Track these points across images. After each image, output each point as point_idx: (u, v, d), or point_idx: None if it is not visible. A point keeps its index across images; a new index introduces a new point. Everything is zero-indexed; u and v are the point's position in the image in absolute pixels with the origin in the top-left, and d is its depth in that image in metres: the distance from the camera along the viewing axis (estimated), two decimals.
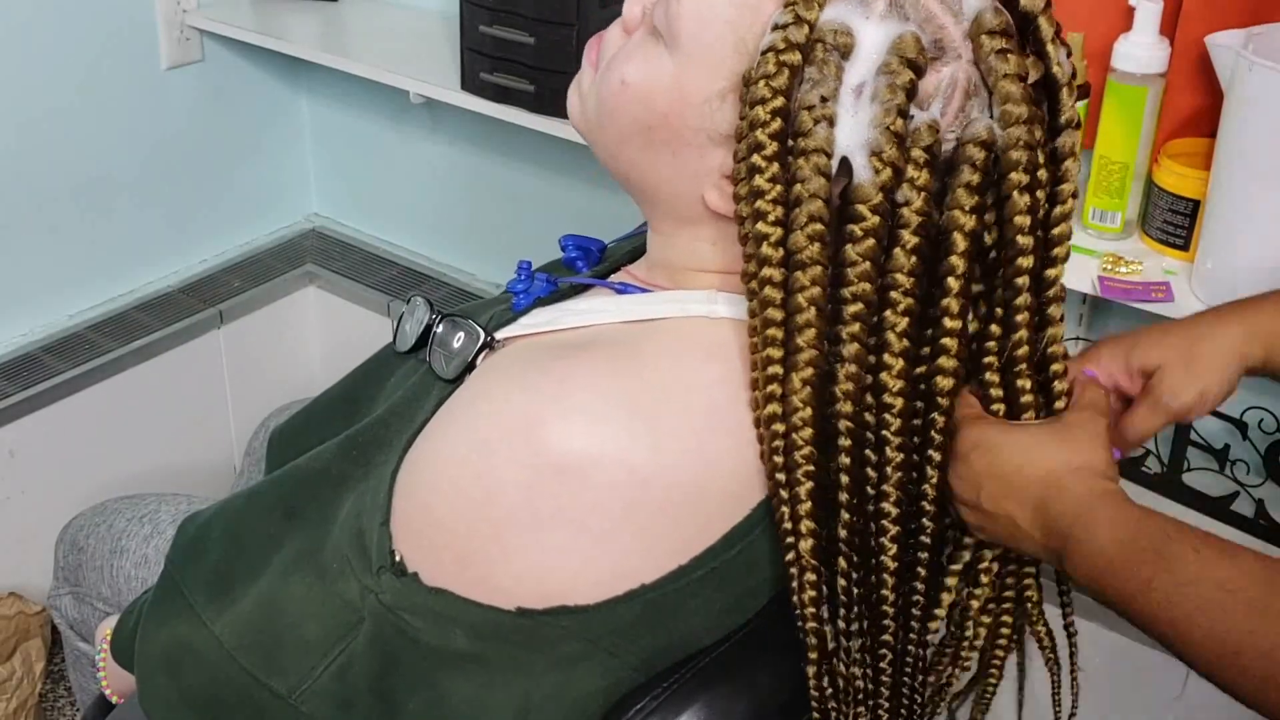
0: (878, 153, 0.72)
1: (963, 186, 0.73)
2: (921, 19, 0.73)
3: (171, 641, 0.89)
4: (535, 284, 0.91)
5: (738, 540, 0.79)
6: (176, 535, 0.96)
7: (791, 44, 0.73)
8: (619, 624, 0.78)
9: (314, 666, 0.83)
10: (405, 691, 0.81)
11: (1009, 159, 0.73)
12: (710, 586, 0.80)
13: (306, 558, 0.85)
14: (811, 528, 0.77)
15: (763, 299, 0.75)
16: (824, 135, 0.72)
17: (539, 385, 0.77)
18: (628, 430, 0.75)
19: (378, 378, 0.98)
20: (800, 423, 0.75)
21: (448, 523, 0.77)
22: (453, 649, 0.79)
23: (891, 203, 0.73)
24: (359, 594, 0.81)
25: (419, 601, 0.79)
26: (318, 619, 0.83)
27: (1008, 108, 0.73)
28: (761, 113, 0.73)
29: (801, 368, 0.74)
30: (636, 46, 0.81)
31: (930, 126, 0.73)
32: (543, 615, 0.77)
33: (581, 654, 0.79)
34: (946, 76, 0.74)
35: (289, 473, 0.92)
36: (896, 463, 0.77)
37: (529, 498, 0.75)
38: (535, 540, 0.75)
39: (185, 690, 0.89)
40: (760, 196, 0.74)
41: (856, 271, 0.73)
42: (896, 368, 0.75)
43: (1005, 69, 0.73)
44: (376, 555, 0.80)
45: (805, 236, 0.73)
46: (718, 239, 0.82)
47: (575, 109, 0.87)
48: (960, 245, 0.74)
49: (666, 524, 0.77)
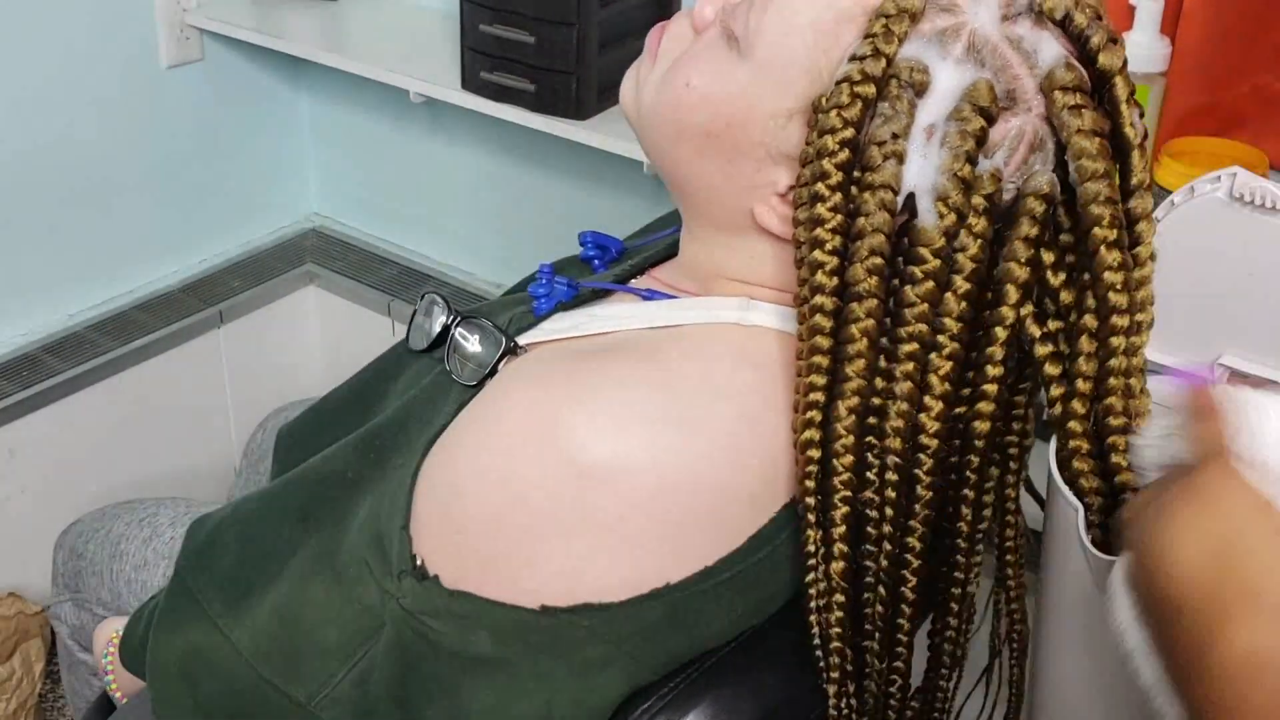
0: (944, 198, 0.72)
1: (1020, 239, 0.73)
2: (997, 67, 0.73)
3: (187, 649, 0.89)
4: (556, 288, 0.91)
5: (763, 544, 0.79)
6: (185, 539, 0.95)
7: (867, 76, 0.72)
8: (643, 625, 0.78)
9: (333, 673, 0.82)
10: (424, 700, 0.80)
11: (1091, 214, 0.72)
12: (734, 590, 0.79)
13: (323, 562, 0.85)
14: (844, 550, 0.77)
15: (812, 325, 0.75)
16: (892, 171, 0.72)
17: (566, 390, 0.76)
18: (655, 436, 0.75)
19: (389, 376, 0.97)
20: (842, 450, 0.75)
21: (471, 526, 0.77)
22: (475, 654, 0.78)
23: (950, 249, 0.73)
24: (379, 599, 0.81)
25: (440, 605, 0.78)
26: (337, 625, 0.82)
27: (1084, 163, 0.71)
28: (830, 142, 0.73)
29: (848, 397, 0.74)
30: (706, 49, 0.80)
31: (993, 175, 0.72)
32: (566, 613, 0.76)
33: (604, 659, 0.78)
34: (1014, 127, 0.73)
35: (303, 475, 0.91)
36: (926, 500, 0.77)
37: (554, 503, 0.74)
38: (561, 545, 0.75)
39: (202, 699, 0.88)
40: (820, 224, 0.74)
41: (914, 313, 0.73)
42: (936, 410, 0.75)
43: (1079, 124, 0.71)
44: (397, 559, 0.80)
45: (864, 269, 0.73)
46: (755, 253, 0.82)
47: (629, 96, 0.86)
48: (1012, 297, 0.74)
49: (692, 528, 0.76)
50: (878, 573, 0.78)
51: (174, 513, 1.17)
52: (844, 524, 0.76)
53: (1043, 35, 0.73)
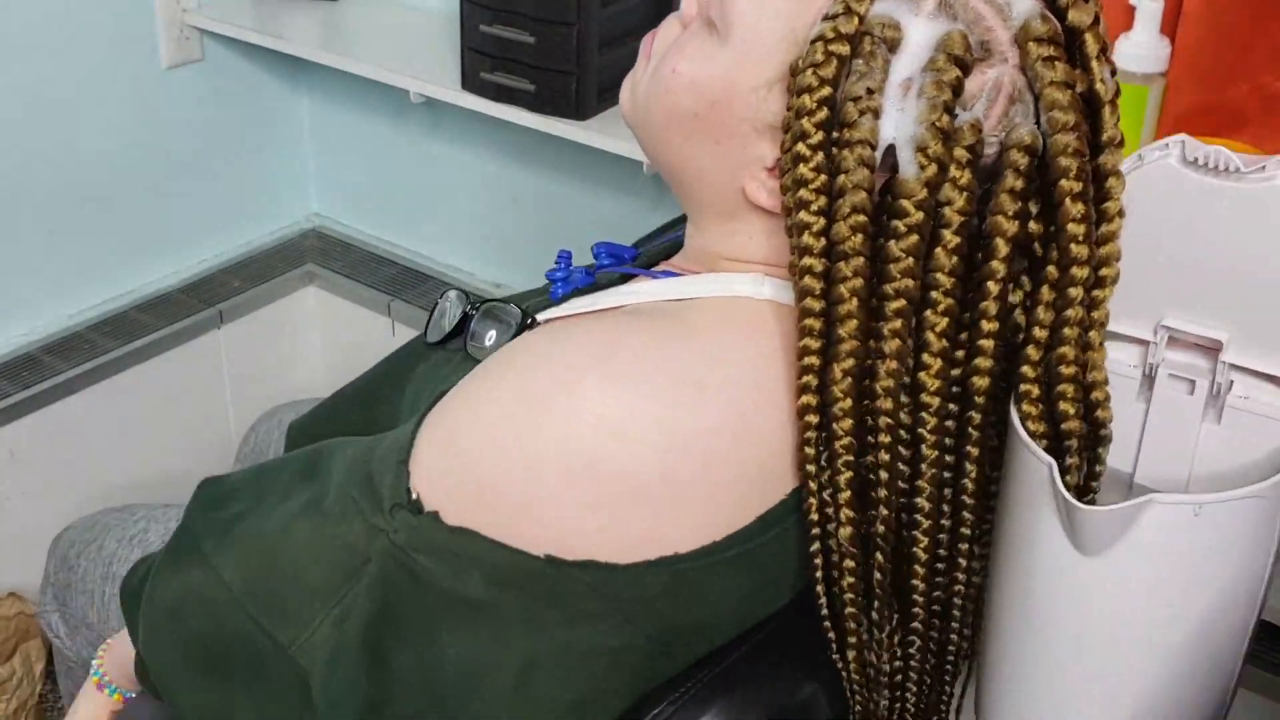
0: (923, 148, 0.72)
1: (1006, 192, 0.73)
2: (969, 20, 0.74)
3: (182, 588, 0.88)
4: (574, 274, 0.92)
5: (773, 524, 0.79)
6: (196, 492, 0.95)
7: (840, 35, 0.73)
8: (644, 591, 0.78)
9: (315, 615, 0.82)
10: (396, 644, 0.80)
11: (1059, 165, 0.73)
12: (740, 570, 0.79)
13: (313, 503, 0.85)
14: (850, 515, 0.77)
15: (803, 288, 0.75)
16: (869, 126, 0.72)
17: (584, 342, 0.77)
18: (671, 393, 0.75)
19: (403, 369, 0.97)
20: (840, 413, 0.75)
21: (483, 471, 0.77)
22: (464, 595, 0.78)
23: (935, 201, 0.73)
24: (366, 536, 0.80)
25: (437, 540, 0.78)
26: (321, 562, 0.82)
27: (1055, 114, 0.72)
28: (808, 101, 0.74)
29: (843, 358, 0.75)
30: (690, 37, 0.82)
31: (973, 126, 0.73)
32: (570, 567, 0.76)
33: (599, 613, 0.78)
34: (991, 79, 0.74)
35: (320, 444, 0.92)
36: (931, 459, 0.77)
37: (565, 451, 0.74)
38: (567, 492, 0.75)
39: (188, 637, 0.88)
40: (804, 185, 0.74)
41: (900, 268, 0.73)
42: (935, 367, 0.75)
43: (1052, 76, 0.72)
44: (390, 494, 0.79)
45: (848, 227, 0.73)
46: (755, 233, 0.83)
47: (626, 100, 0.87)
48: (1002, 250, 0.74)
49: (703, 494, 0.77)
50: (879, 538, 0.78)
51: (165, 530, 1.16)
52: (849, 489, 0.76)
53: None
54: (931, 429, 0.76)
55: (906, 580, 0.80)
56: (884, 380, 0.75)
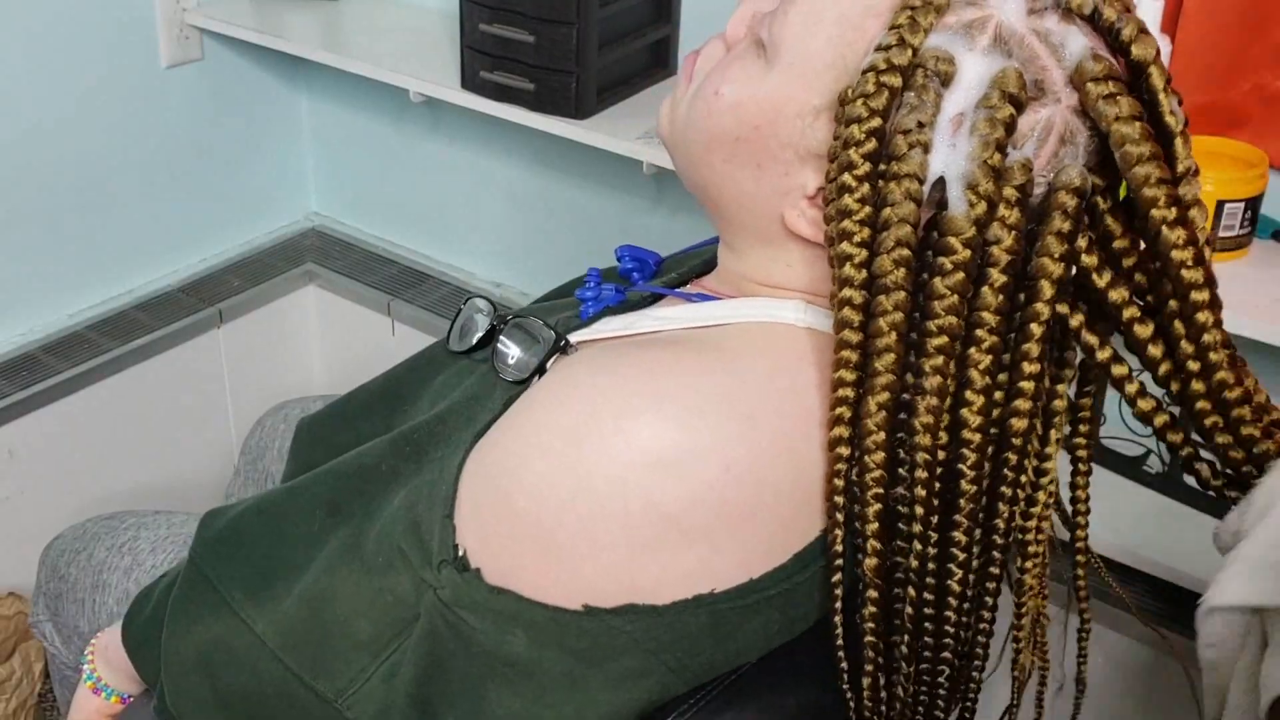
0: (973, 186, 0.71)
1: (1053, 234, 0.72)
2: (1024, 58, 0.73)
3: (208, 640, 0.88)
4: (604, 292, 0.90)
5: (809, 563, 0.79)
6: (200, 528, 0.94)
7: (893, 66, 0.72)
8: (684, 633, 0.77)
9: (364, 668, 0.81)
10: (445, 703, 0.79)
11: (1145, 197, 0.72)
12: (776, 607, 0.79)
13: (353, 553, 0.83)
14: (877, 547, 0.76)
15: (841, 319, 0.74)
16: (918, 160, 0.71)
17: (632, 376, 0.76)
18: (724, 426, 0.74)
19: (424, 375, 0.96)
20: (873, 446, 0.74)
21: (530, 517, 0.75)
22: (508, 655, 0.77)
23: (982, 239, 0.72)
24: (414, 589, 0.79)
25: (480, 599, 0.77)
26: (369, 617, 0.81)
27: (1127, 149, 0.71)
28: (857, 131, 0.72)
29: (878, 392, 0.74)
30: (735, 59, 0.80)
31: (1024, 165, 0.72)
32: (609, 615, 0.75)
33: (641, 669, 0.77)
34: (1043, 118, 0.73)
35: (333, 469, 0.90)
36: (970, 495, 0.76)
37: (622, 492, 0.73)
38: (625, 536, 0.74)
39: (222, 691, 0.87)
40: (848, 216, 0.73)
41: (944, 305, 0.73)
42: (977, 405, 0.74)
43: (1117, 111, 0.71)
44: (439, 549, 0.78)
45: (891, 261, 0.72)
46: (793, 260, 0.82)
47: (664, 120, 0.86)
48: (1047, 292, 0.73)
49: (754, 527, 0.76)
50: (911, 571, 0.77)
51: (155, 536, 1.15)
52: (876, 520, 0.76)
53: (1069, 29, 0.73)
54: (971, 465, 0.75)
55: (940, 613, 0.79)
56: (923, 417, 0.74)
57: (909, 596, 0.78)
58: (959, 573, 0.78)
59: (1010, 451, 0.77)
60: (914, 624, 0.79)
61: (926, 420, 0.74)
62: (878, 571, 0.77)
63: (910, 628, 0.79)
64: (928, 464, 0.75)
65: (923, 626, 0.79)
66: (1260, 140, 1.29)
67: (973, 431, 0.75)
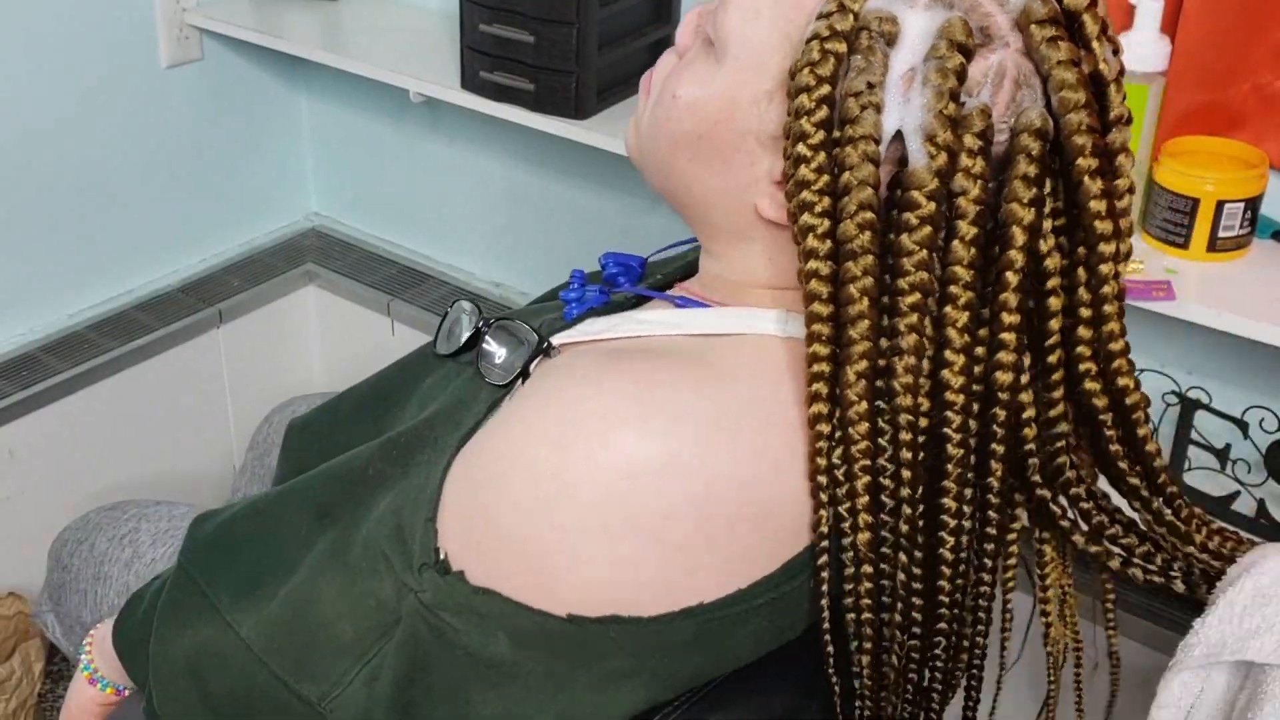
0: (931, 137, 0.71)
1: (1019, 179, 0.72)
2: (966, 7, 0.73)
3: (195, 645, 0.88)
4: (588, 294, 0.90)
5: (797, 572, 0.78)
6: (189, 531, 0.94)
7: (836, 32, 0.72)
8: (669, 642, 0.77)
9: (346, 672, 0.81)
10: (428, 705, 0.79)
11: (1073, 145, 0.72)
12: (764, 617, 0.79)
13: (337, 556, 0.83)
14: (869, 520, 0.76)
15: (810, 292, 0.74)
16: (871, 121, 0.71)
17: (618, 386, 0.75)
18: (707, 439, 0.74)
19: (413, 377, 0.96)
20: (856, 416, 0.74)
21: (510, 528, 0.75)
22: (491, 656, 0.77)
23: (947, 192, 0.72)
24: (396, 593, 0.79)
25: (463, 601, 0.77)
26: (351, 620, 0.81)
27: (1064, 94, 0.72)
28: (807, 101, 0.72)
29: (855, 360, 0.73)
30: (688, 63, 0.81)
31: (982, 111, 0.72)
32: (594, 624, 0.75)
33: (626, 672, 0.77)
34: (994, 64, 0.73)
35: (322, 473, 0.90)
36: (957, 459, 0.76)
37: (602, 501, 0.73)
38: (603, 546, 0.73)
39: (209, 695, 0.87)
40: (806, 186, 0.73)
41: (913, 261, 0.72)
42: (958, 364, 0.74)
43: (1058, 56, 0.72)
44: (419, 552, 0.78)
45: (855, 225, 0.72)
46: (773, 253, 0.81)
47: (631, 139, 0.86)
48: (1019, 239, 0.73)
49: (735, 541, 0.76)
50: (902, 538, 0.77)
51: (156, 529, 1.15)
52: (866, 493, 0.75)
53: None
54: (957, 428, 0.75)
55: (933, 582, 0.79)
56: (903, 377, 0.73)
57: (900, 563, 0.77)
58: (950, 540, 0.77)
59: (998, 406, 0.76)
60: (906, 593, 0.78)
61: (906, 380, 0.73)
62: (871, 546, 0.76)
63: (903, 595, 0.78)
64: (911, 426, 0.74)
65: (913, 598, 0.79)
66: (1260, 140, 1.28)
67: (955, 392, 0.74)
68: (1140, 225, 1.29)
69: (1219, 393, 1.40)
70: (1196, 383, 1.41)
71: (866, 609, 0.79)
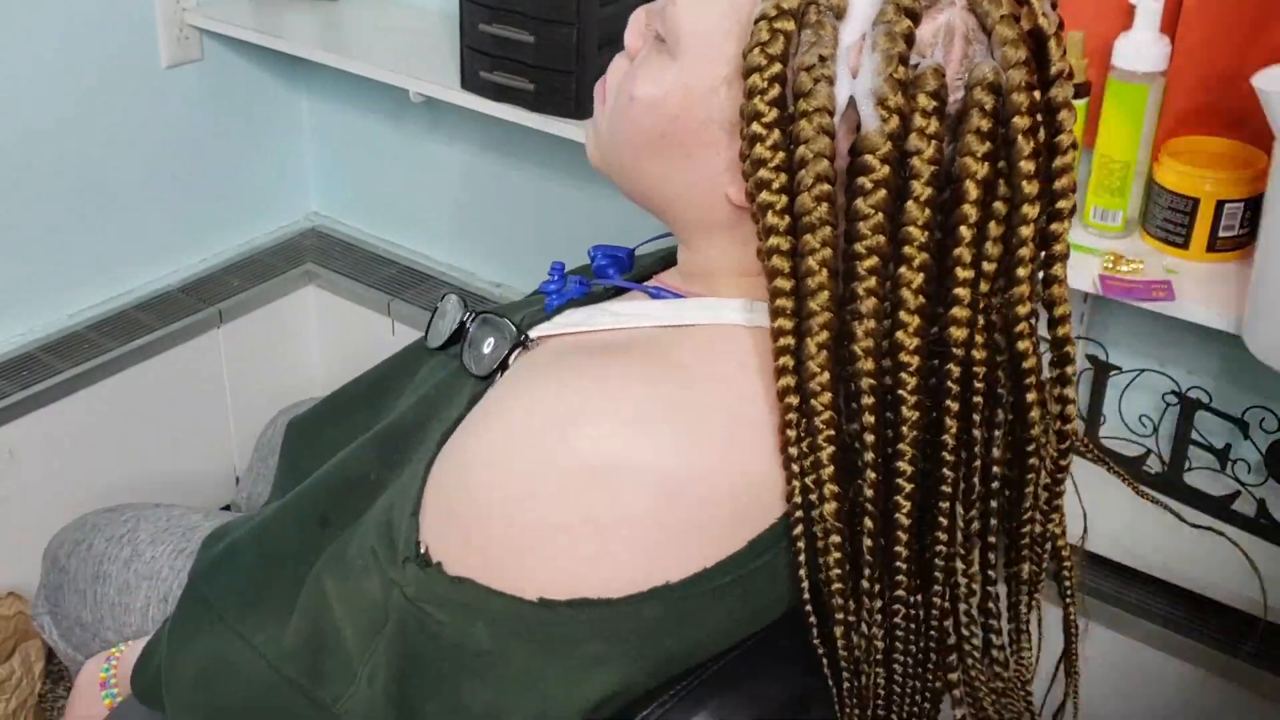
0: (882, 101, 0.71)
1: (972, 132, 0.73)
2: None
3: (205, 658, 0.89)
4: (568, 285, 0.91)
5: (763, 549, 0.79)
6: (200, 551, 0.95)
7: (783, 10, 0.73)
8: (640, 623, 0.78)
9: (354, 672, 0.82)
10: (423, 698, 0.80)
11: (1012, 102, 0.72)
12: (733, 596, 0.79)
13: (337, 560, 0.85)
14: (835, 490, 0.76)
15: (771, 268, 0.74)
16: (825, 93, 0.72)
17: (576, 386, 0.77)
18: (663, 435, 0.75)
19: (406, 371, 0.97)
20: (819, 387, 0.74)
21: (480, 522, 0.77)
22: (473, 646, 0.78)
23: (902, 154, 0.72)
24: (384, 589, 0.81)
25: (442, 592, 0.78)
26: (350, 621, 0.82)
27: (1006, 50, 0.72)
28: (758, 80, 0.73)
29: (816, 331, 0.74)
30: (640, 63, 0.81)
31: (935, 71, 0.72)
32: (564, 607, 0.76)
33: (600, 657, 0.78)
34: (942, 23, 0.74)
35: (321, 481, 0.92)
36: (912, 421, 0.76)
37: (561, 499, 0.74)
38: (565, 542, 0.75)
39: (220, 708, 0.88)
40: (763, 165, 0.74)
41: (869, 225, 0.73)
42: (913, 325, 0.74)
43: (999, 11, 0.73)
44: (404, 546, 0.80)
45: (813, 198, 0.73)
46: (746, 239, 0.81)
47: (591, 147, 0.87)
48: (973, 193, 0.73)
49: (694, 529, 0.76)
50: (867, 504, 0.77)
51: (154, 528, 1.15)
52: (831, 464, 0.76)
53: None
54: (912, 389, 0.75)
55: (890, 547, 0.79)
56: (863, 341, 0.74)
57: (865, 529, 0.78)
58: (907, 504, 0.77)
59: (952, 364, 0.76)
60: (873, 556, 0.79)
61: (867, 345, 0.74)
62: (838, 515, 0.77)
63: (869, 560, 0.79)
64: (873, 389, 0.75)
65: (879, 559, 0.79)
66: (1260, 140, 1.28)
67: (910, 354, 0.75)
68: (1141, 225, 1.29)
69: (1219, 393, 1.40)
70: (1196, 383, 1.41)
71: (836, 579, 0.79)
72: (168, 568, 1.11)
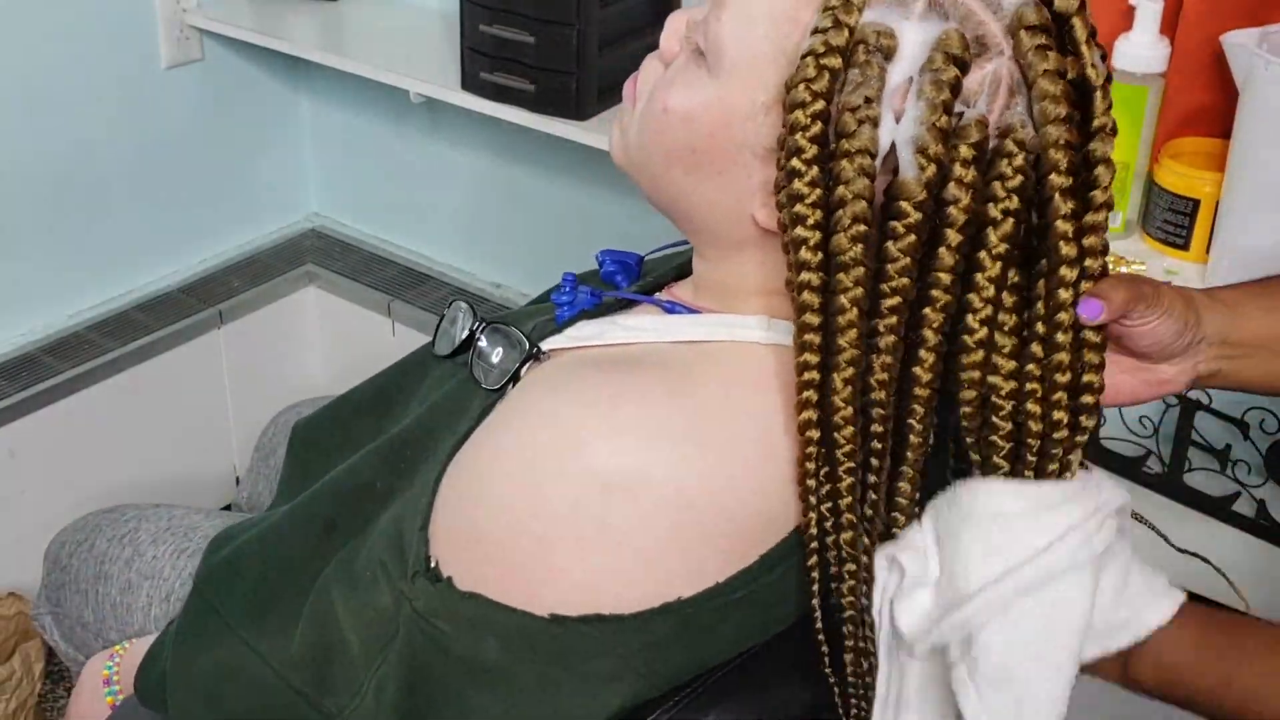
0: (923, 149, 0.71)
1: (997, 179, 0.72)
2: (961, 16, 0.73)
3: (212, 667, 0.89)
4: (579, 296, 0.91)
5: (775, 564, 0.79)
6: (205, 556, 0.95)
7: (831, 48, 0.72)
8: (652, 639, 0.77)
9: (361, 683, 0.82)
10: (431, 712, 0.80)
11: (1049, 159, 0.72)
12: (744, 610, 0.79)
13: (345, 569, 0.85)
14: (852, 520, 0.76)
15: (801, 303, 0.74)
16: (868, 135, 0.72)
17: (590, 401, 0.76)
18: (677, 452, 0.75)
19: (413, 378, 0.97)
20: (842, 422, 0.74)
21: (493, 536, 0.77)
22: (483, 661, 0.78)
23: (937, 201, 0.72)
24: (394, 602, 0.81)
25: (452, 607, 0.78)
26: (357, 632, 0.82)
27: (1045, 105, 0.72)
28: (801, 116, 0.73)
29: (843, 368, 0.74)
30: (677, 72, 0.80)
31: (979, 122, 0.72)
32: (576, 623, 0.76)
33: (611, 672, 0.78)
34: (989, 73, 0.73)
35: (329, 487, 0.91)
36: (915, 445, 0.77)
37: (574, 514, 0.74)
38: (577, 557, 0.75)
39: (226, 715, 0.88)
40: (799, 200, 0.73)
41: (897, 267, 0.73)
42: (929, 361, 0.74)
43: (1044, 65, 0.72)
44: (413, 561, 0.80)
45: (849, 238, 0.72)
46: (765, 259, 0.81)
47: (617, 145, 0.86)
48: (993, 244, 0.73)
49: (707, 545, 0.76)
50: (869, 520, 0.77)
51: (155, 528, 1.15)
52: (850, 494, 0.76)
53: None
54: (920, 419, 0.76)
55: None
56: (879, 374, 0.74)
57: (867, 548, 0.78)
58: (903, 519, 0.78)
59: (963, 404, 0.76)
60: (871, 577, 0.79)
61: (882, 377, 0.74)
62: (853, 543, 0.77)
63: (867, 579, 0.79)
64: (882, 419, 0.75)
65: None
66: None
67: (923, 387, 0.75)
68: (1141, 226, 1.29)
69: (1219, 393, 1.40)
70: None
71: (850, 606, 0.79)
72: (169, 567, 1.11)
